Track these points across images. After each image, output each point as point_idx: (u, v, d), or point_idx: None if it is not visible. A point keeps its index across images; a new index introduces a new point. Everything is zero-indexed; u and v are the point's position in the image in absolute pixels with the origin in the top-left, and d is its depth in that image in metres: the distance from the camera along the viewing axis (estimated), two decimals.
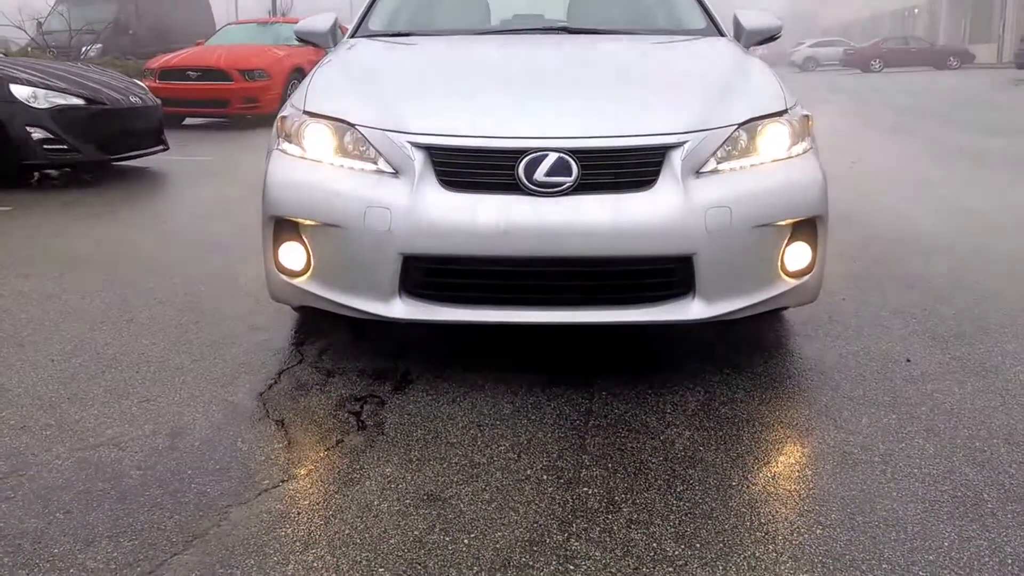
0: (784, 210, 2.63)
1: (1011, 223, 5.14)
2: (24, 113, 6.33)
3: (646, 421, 2.48)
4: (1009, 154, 8.28)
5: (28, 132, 6.37)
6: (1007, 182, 6.74)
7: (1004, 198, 6.03)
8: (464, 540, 1.88)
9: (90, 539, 1.87)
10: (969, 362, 2.91)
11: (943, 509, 2.01)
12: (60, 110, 6.48)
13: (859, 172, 7.25)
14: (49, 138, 6.44)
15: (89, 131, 6.64)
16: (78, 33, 18.50)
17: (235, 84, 11.53)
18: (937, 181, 6.87)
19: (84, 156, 6.69)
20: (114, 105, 6.87)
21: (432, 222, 2.49)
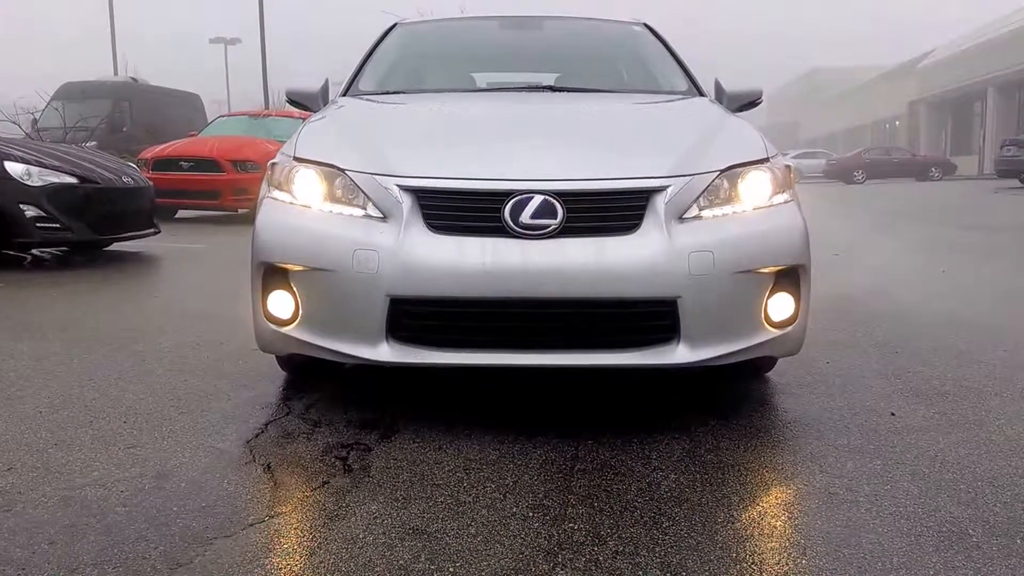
0: (766, 257, 2.70)
1: (988, 298, 5.25)
2: (18, 190, 6.43)
3: (632, 466, 2.49)
4: (984, 245, 8.49)
5: (21, 210, 6.45)
6: (982, 266, 6.89)
7: (979, 279, 6.16)
8: (449, 568, 1.87)
9: (74, 567, 1.85)
10: (953, 416, 2.94)
11: (929, 542, 2.01)
12: (54, 189, 6.58)
13: (842, 259, 7.40)
14: (42, 216, 6.52)
15: (82, 210, 6.73)
16: (72, 129, 18.86)
17: (227, 175, 11.71)
18: (916, 266, 7.02)
19: (76, 235, 6.76)
20: (107, 184, 6.99)
21: (419, 264, 2.55)
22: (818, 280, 2.98)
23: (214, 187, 11.65)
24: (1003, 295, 5.40)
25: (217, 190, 11.66)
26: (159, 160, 11.99)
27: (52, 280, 6.08)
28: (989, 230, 9.98)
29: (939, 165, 36.83)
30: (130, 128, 21.44)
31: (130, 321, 4.56)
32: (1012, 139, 23.45)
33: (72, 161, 7.02)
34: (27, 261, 7.09)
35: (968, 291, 5.58)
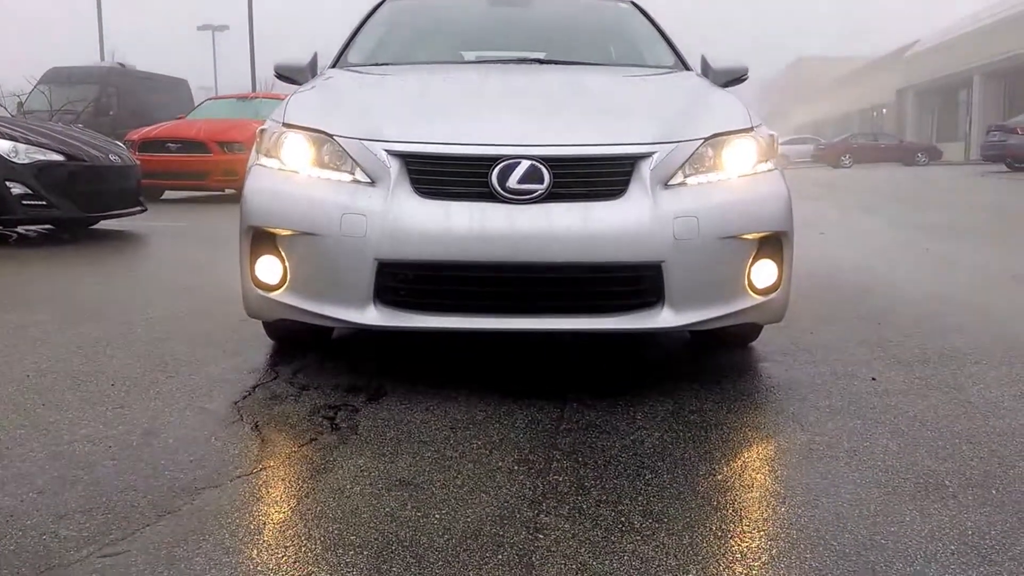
0: (750, 223, 2.73)
1: (970, 275, 5.31)
2: (4, 167, 6.40)
3: (616, 425, 2.52)
4: (967, 225, 8.56)
5: (7, 187, 6.43)
6: (965, 244, 6.96)
7: (962, 257, 6.22)
8: (435, 516, 1.90)
9: (63, 514, 1.87)
10: (933, 381, 2.99)
11: (905, 493, 2.05)
12: (40, 166, 6.56)
13: (827, 238, 7.45)
14: (28, 193, 6.50)
15: (68, 188, 6.71)
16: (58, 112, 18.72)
17: (214, 156, 11.69)
18: (899, 245, 7.08)
19: (62, 213, 6.74)
20: (93, 162, 6.97)
21: (406, 228, 2.57)
22: (804, 257, 3.03)
23: (201, 168, 11.63)
24: (985, 271, 5.46)
25: (204, 171, 11.64)
26: (146, 141, 11.94)
27: (38, 256, 6.07)
28: (973, 211, 10.07)
29: (925, 151, 37.13)
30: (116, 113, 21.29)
31: (116, 294, 4.56)
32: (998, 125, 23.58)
33: (59, 139, 6.99)
34: (13, 239, 7.07)
35: (951, 268, 5.63)
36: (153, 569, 1.63)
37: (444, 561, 1.69)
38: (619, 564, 1.69)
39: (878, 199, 13.04)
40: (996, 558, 1.72)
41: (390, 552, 1.72)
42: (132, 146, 11.83)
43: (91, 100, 20.03)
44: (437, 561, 1.69)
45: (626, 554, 1.73)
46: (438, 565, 1.67)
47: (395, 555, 1.71)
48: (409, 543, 1.76)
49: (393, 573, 1.63)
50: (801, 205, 3.01)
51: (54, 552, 1.70)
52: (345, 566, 1.66)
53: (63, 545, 1.72)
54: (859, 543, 1.78)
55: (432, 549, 1.74)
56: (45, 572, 1.61)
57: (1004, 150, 21.89)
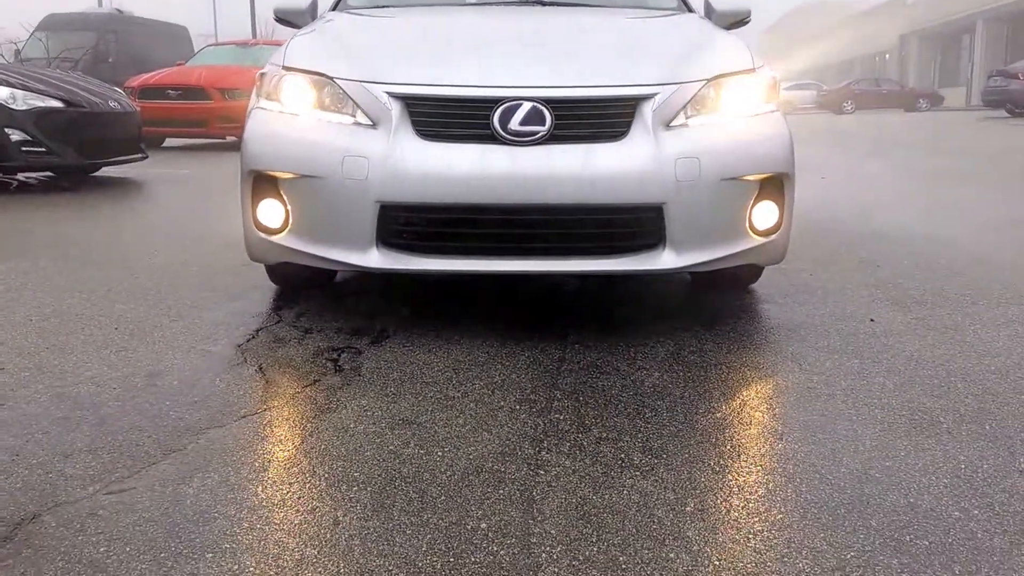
0: (752, 164, 2.72)
1: (969, 219, 5.29)
2: (3, 114, 6.35)
3: (616, 365, 2.54)
4: (967, 169, 8.50)
5: (6, 134, 6.39)
6: (964, 189, 6.92)
7: (961, 201, 6.20)
8: (438, 453, 1.93)
9: (68, 453, 1.90)
10: (930, 322, 3.00)
11: (900, 429, 2.08)
12: (40, 113, 6.52)
13: (828, 183, 7.42)
14: (28, 140, 6.46)
15: (68, 134, 6.67)
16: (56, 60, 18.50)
17: (214, 103, 11.59)
18: (899, 189, 7.05)
19: (62, 160, 6.71)
20: (93, 109, 6.92)
21: (408, 170, 2.56)
22: (804, 202, 3.02)
23: (202, 115, 11.54)
24: (985, 216, 5.45)
25: (205, 118, 11.55)
26: (146, 88, 11.83)
27: (39, 203, 6.06)
28: (973, 157, 9.99)
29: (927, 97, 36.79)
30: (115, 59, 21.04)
31: (118, 241, 4.56)
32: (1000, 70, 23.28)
33: (58, 85, 6.93)
34: (13, 186, 7.05)
35: (951, 213, 5.61)
36: (159, 506, 1.66)
37: (447, 496, 1.72)
38: (619, 498, 1.72)
39: (879, 145, 12.95)
40: (988, 490, 1.75)
41: (393, 488, 1.75)
42: (131, 93, 11.71)
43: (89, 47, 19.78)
44: (440, 496, 1.72)
45: (626, 489, 1.76)
46: (441, 500, 1.70)
47: (398, 490, 1.74)
48: (412, 479, 1.79)
49: (397, 508, 1.67)
50: (802, 150, 2.99)
51: (60, 489, 1.73)
52: (349, 501, 1.69)
53: (69, 483, 1.75)
54: (854, 476, 1.81)
55: (435, 485, 1.77)
56: (52, 508, 1.65)
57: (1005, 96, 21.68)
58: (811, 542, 1.55)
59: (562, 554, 1.50)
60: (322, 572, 1.43)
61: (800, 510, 1.67)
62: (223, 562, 1.46)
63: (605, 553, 1.51)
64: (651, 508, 1.68)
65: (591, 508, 1.68)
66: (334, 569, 1.44)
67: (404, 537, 1.55)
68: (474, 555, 1.50)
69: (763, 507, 1.68)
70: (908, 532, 1.58)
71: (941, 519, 1.63)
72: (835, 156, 10.62)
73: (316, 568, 1.45)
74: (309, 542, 1.53)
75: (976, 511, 1.66)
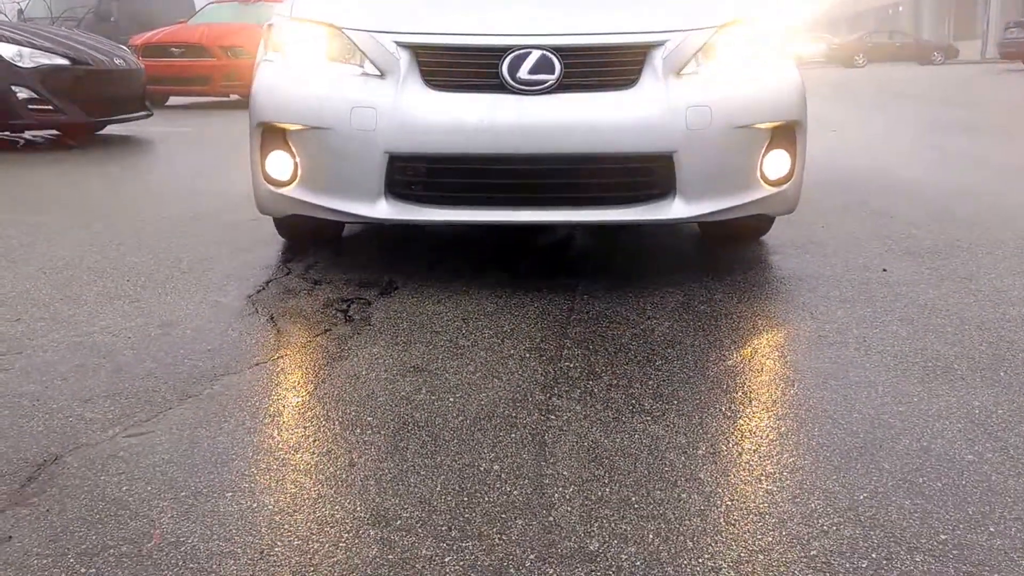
0: (763, 112, 2.69)
1: (983, 170, 5.24)
2: (9, 72, 6.32)
3: (626, 315, 2.54)
4: (981, 122, 8.41)
5: (13, 91, 6.36)
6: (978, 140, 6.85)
7: (975, 153, 6.14)
8: (449, 399, 1.94)
9: (87, 398, 1.92)
10: (944, 272, 2.99)
11: (914, 375, 2.07)
12: (46, 70, 6.47)
13: (839, 136, 7.34)
14: (34, 98, 6.43)
15: (74, 92, 6.63)
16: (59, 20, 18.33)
17: (217, 61, 11.49)
18: (912, 142, 6.97)
19: (69, 117, 6.68)
20: (99, 66, 6.87)
21: (417, 121, 2.54)
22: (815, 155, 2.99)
23: (205, 73, 11.45)
24: (1000, 168, 5.39)
25: (208, 76, 11.46)
26: (148, 47, 11.73)
27: (46, 161, 6.04)
28: (987, 109, 9.86)
29: (941, 49, 35.88)
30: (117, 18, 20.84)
31: (126, 197, 4.56)
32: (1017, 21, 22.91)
33: (63, 43, 6.87)
34: (20, 144, 7.03)
35: (965, 164, 5.55)
36: (177, 448, 1.68)
37: (459, 440, 1.73)
38: (630, 442, 1.72)
39: (892, 98, 12.79)
40: (1002, 435, 1.75)
41: (406, 432, 1.76)
42: (135, 51, 11.61)
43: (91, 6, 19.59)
44: (452, 440, 1.73)
45: (636, 433, 1.77)
46: (453, 443, 1.71)
47: (411, 434, 1.75)
48: (424, 424, 1.80)
49: (410, 451, 1.68)
50: (813, 104, 2.96)
51: (81, 432, 1.74)
52: (363, 444, 1.70)
53: (89, 426, 1.77)
54: (867, 421, 1.81)
55: (447, 429, 1.78)
56: (73, 450, 1.66)
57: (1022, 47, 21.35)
58: (823, 484, 1.55)
59: (574, 494, 1.52)
60: (339, 510, 1.45)
61: (812, 453, 1.67)
62: (242, 500, 1.48)
63: (617, 494, 1.52)
64: (662, 451, 1.69)
65: (603, 451, 1.68)
66: (350, 507, 1.46)
67: (418, 478, 1.57)
68: (488, 495, 1.51)
69: (775, 451, 1.69)
70: (921, 474, 1.59)
71: (955, 462, 1.63)
72: (846, 110, 10.50)
73: (333, 506, 1.46)
74: (325, 482, 1.55)
75: (990, 454, 1.66)
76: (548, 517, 1.44)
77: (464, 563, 1.31)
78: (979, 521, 1.42)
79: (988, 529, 1.40)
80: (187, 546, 1.34)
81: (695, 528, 1.41)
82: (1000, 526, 1.41)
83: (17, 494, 1.50)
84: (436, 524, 1.42)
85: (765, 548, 1.35)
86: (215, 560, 1.31)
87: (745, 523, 1.42)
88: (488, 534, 1.39)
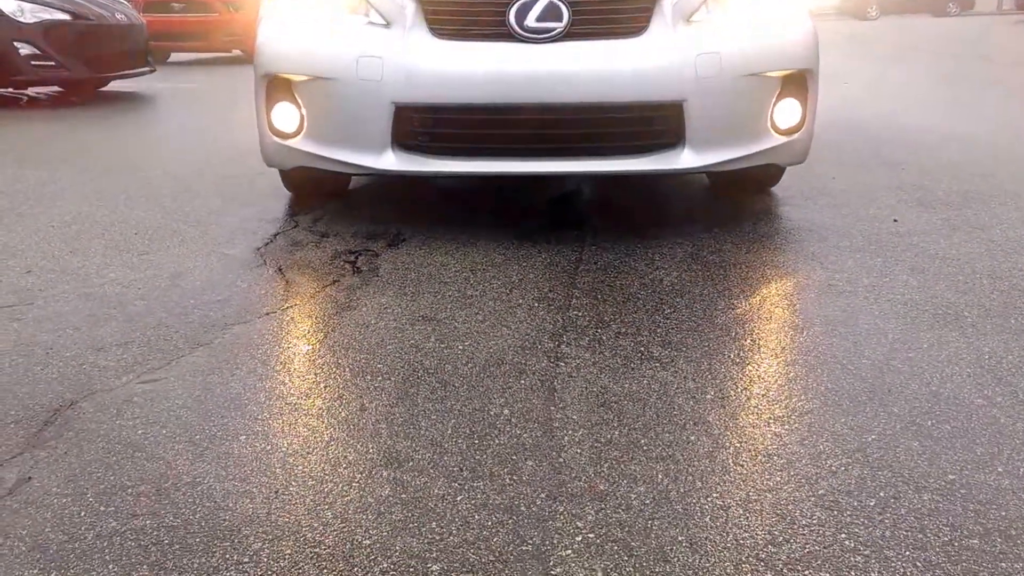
0: (774, 60, 2.66)
1: (997, 122, 5.19)
2: (11, 27, 6.26)
3: (634, 266, 2.54)
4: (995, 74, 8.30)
5: (15, 47, 6.31)
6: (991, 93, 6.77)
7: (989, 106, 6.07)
8: (459, 347, 1.95)
9: (100, 347, 1.93)
10: (955, 222, 2.97)
11: (924, 323, 2.07)
12: (48, 25, 6.41)
13: (851, 89, 7.26)
14: (37, 54, 6.38)
15: (77, 47, 6.58)
16: None
17: (219, 16, 11.40)
18: (925, 94, 6.90)
19: (72, 73, 6.64)
20: (100, 21, 6.81)
21: (423, 71, 2.52)
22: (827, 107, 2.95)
23: (206, 28, 11.35)
24: (1013, 118, 5.33)
25: (209, 31, 11.37)
26: (149, 2, 11.61)
27: (50, 117, 6.02)
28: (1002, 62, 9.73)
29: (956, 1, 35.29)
30: None
31: (131, 152, 4.55)
32: None
33: None
34: (23, 101, 7.00)
35: (978, 117, 5.49)
36: (191, 393, 1.69)
37: (468, 386, 1.74)
38: (639, 387, 1.73)
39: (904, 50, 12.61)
40: (1011, 379, 1.75)
41: (416, 378, 1.77)
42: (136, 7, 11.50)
43: None
44: (462, 386, 1.74)
45: (645, 379, 1.77)
46: (463, 389, 1.72)
47: (421, 380, 1.76)
48: (434, 370, 1.81)
49: (420, 396, 1.69)
50: (824, 57, 2.91)
51: (95, 379, 1.76)
52: (374, 390, 1.71)
53: (103, 373, 1.79)
54: (876, 367, 1.82)
55: (456, 376, 1.79)
56: (88, 396, 1.68)
57: None
58: (832, 427, 1.56)
59: (584, 437, 1.53)
60: (351, 452, 1.47)
61: (821, 398, 1.68)
62: (255, 443, 1.49)
63: (626, 436, 1.53)
64: (671, 396, 1.69)
65: (611, 396, 1.69)
66: (362, 450, 1.47)
67: (429, 422, 1.58)
68: (498, 438, 1.52)
69: (783, 395, 1.69)
70: (930, 417, 1.59)
71: (963, 406, 1.64)
72: (858, 63, 10.36)
73: (346, 448, 1.48)
74: (337, 426, 1.56)
75: (1000, 398, 1.67)
76: (558, 458, 1.45)
77: (475, 502, 1.32)
78: (987, 462, 1.43)
79: (996, 469, 1.41)
80: (203, 486, 1.36)
81: (704, 469, 1.42)
82: (1008, 466, 1.42)
83: (35, 437, 1.52)
84: (447, 465, 1.43)
85: (773, 488, 1.36)
86: (231, 499, 1.33)
87: (753, 464, 1.43)
88: (499, 474, 1.40)
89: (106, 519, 1.28)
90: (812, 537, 1.24)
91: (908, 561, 1.18)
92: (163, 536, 1.24)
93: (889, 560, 1.18)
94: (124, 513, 1.29)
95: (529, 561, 1.19)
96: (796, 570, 1.16)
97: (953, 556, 1.19)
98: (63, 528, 1.26)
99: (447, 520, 1.28)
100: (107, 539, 1.23)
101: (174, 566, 1.17)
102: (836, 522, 1.27)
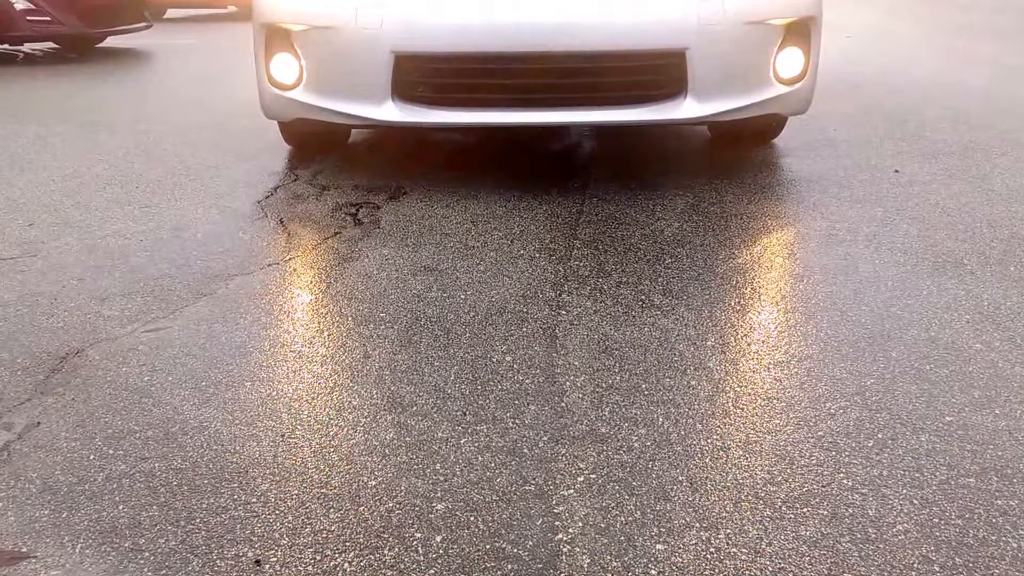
0: (777, 7, 2.63)
1: (1000, 73, 5.14)
2: None
3: (635, 217, 2.54)
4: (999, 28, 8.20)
5: (10, 2, 6.23)
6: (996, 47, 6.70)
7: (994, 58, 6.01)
8: (460, 296, 1.96)
9: (104, 297, 1.94)
10: (956, 172, 2.96)
11: (923, 271, 2.08)
12: None
13: (854, 42, 7.18)
14: (32, 9, 6.30)
15: (72, 2, 6.49)
16: None
17: None
18: (928, 47, 6.82)
19: (68, 28, 6.56)
20: None
21: (424, 19, 2.50)
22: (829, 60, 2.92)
23: None
24: (1017, 70, 5.29)
25: None
26: None
27: (47, 73, 5.97)
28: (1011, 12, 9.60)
29: None
30: None
31: (130, 107, 4.51)
32: None
33: None
34: (20, 57, 6.93)
35: (982, 69, 5.44)
36: (196, 342, 1.71)
37: (471, 333, 1.75)
38: (639, 334, 1.75)
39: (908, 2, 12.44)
40: (1009, 325, 1.76)
41: (419, 326, 1.79)
42: None
43: None
44: (464, 333, 1.75)
45: (646, 326, 1.79)
46: (465, 336, 1.74)
47: (424, 328, 1.77)
48: (437, 319, 1.83)
49: (423, 343, 1.70)
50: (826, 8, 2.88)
51: (100, 328, 1.77)
52: (378, 338, 1.73)
53: (108, 322, 1.80)
54: (875, 314, 1.83)
55: (459, 323, 1.80)
56: (94, 344, 1.69)
57: None
58: (831, 371, 1.58)
59: (585, 382, 1.54)
60: (356, 397, 1.48)
61: (820, 344, 1.69)
62: (261, 389, 1.51)
63: (627, 382, 1.55)
64: (672, 343, 1.71)
65: (613, 343, 1.71)
66: (367, 395, 1.49)
67: (432, 368, 1.60)
68: (500, 384, 1.54)
69: (783, 342, 1.71)
70: (928, 362, 1.61)
71: (962, 350, 1.65)
72: (861, 15, 10.23)
73: (350, 394, 1.50)
74: (341, 372, 1.58)
75: (998, 343, 1.68)
76: (560, 403, 1.47)
77: (479, 444, 1.34)
78: (984, 404, 1.45)
79: (993, 412, 1.43)
80: (210, 430, 1.38)
81: (704, 412, 1.44)
82: (1005, 408, 1.44)
83: (43, 384, 1.54)
84: (451, 410, 1.45)
85: (773, 430, 1.38)
86: (238, 442, 1.35)
87: (753, 407, 1.45)
88: (502, 418, 1.42)
89: (115, 462, 1.30)
90: (810, 476, 1.26)
91: (905, 499, 1.20)
92: (172, 478, 1.26)
93: (886, 498, 1.20)
94: (133, 456, 1.32)
95: (532, 500, 1.21)
96: (794, 508, 1.18)
97: (949, 494, 1.21)
98: (73, 471, 1.28)
99: (451, 462, 1.30)
100: (116, 481, 1.25)
101: (183, 506, 1.20)
102: (834, 462, 1.29)
